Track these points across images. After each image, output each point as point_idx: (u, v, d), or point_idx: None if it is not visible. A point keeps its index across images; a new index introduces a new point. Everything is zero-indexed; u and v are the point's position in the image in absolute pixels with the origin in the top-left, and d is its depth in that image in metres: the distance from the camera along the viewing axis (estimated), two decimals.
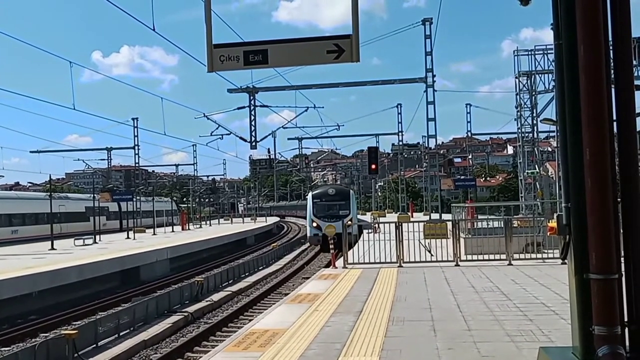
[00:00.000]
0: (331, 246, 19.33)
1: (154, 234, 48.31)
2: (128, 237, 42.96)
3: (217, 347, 8.69)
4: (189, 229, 58.50)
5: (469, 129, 57.51)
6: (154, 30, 18.70)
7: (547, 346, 6.77)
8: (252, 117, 36.84)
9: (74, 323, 17.93)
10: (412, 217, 49.82)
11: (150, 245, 33.24)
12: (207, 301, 21.30)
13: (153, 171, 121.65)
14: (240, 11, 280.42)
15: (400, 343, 8.39)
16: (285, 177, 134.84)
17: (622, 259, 5.29)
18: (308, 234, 41.92)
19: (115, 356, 14.23)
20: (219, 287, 24.57)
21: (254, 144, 37.04)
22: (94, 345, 14.87)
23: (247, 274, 29.10)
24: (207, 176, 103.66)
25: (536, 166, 41.45)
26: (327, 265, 18.30)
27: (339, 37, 7.84)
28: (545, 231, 18.54)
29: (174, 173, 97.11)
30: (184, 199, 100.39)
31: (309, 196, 42.88)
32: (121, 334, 16.09)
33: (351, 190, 44.62)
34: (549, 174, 50.31)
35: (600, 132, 5.01)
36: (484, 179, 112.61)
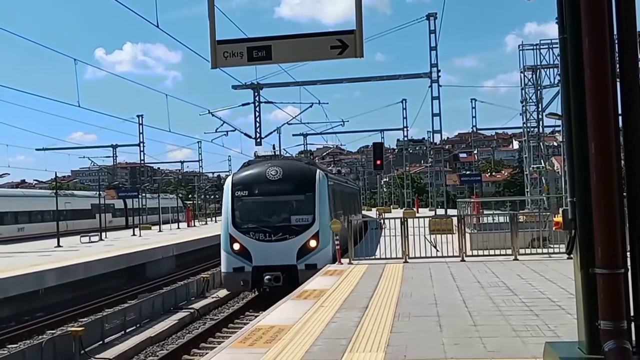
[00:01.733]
0: (337, 244, 18.99)
1: (160, 230, 48.39)
2: (134, 234, 43.04)
3: (223, 344, 8.71)
4: (194, 225, 58.57)
5: (474, 124, 57.46)
6: (157, 26, 18.70)
7: (553, 341, 6.75)
8: (257, 114, 36.87)
9: (81, 320, 17.98)
10: (418, 212, 49.73)
11: (156, 242, 33.31)
12: (213, 297, 21.34)
13: (158, 168, 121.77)
14: (241, 7, 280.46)
15: (406, 339, 8.37)
16: None
17: (628, 253, 5.27)
18: (222, 269, 19.65)
19: (121, 353, 14.28)
20: None
21: (258, 140, 37.05)
22: (101, 342, 14.92)
23: None
24: (213, 173, 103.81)
25: (542, 161, 41.37)
26: (333, 261, 18.28)
27: (342, 32, 7.84)
28: (551, 226, 18.53)
29: (179, 170, 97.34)
30: (190, 196, 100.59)
31: (227, 184, 20.40)
32: (127, 330, 16.14)
33: (319, 171, 20.47)
34: (555, 168, 50.20)
35: (606, 126, 4.99)
36: (489, 174, 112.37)
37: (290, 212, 19.40)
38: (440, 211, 41.14)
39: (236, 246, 18.79)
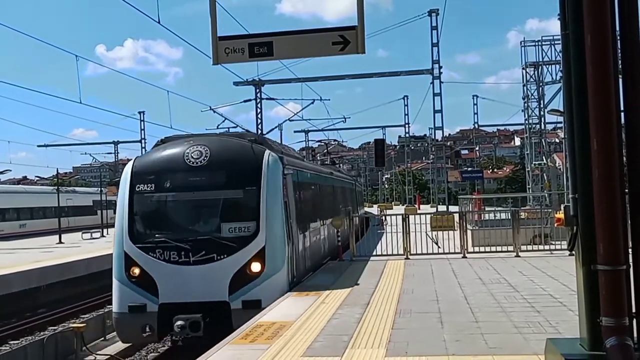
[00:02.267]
0: (338, 240, 18.95)
1: None
2: None
3: (225, 340, 8.70)
4: None
5: (475, 120, 57.55)
6: (159, 22, 18.69)
7: (554, 337, 6.75)
8: (259, 110, 36.89)
9: (82, 316, 18.02)
10: (419, 209, 49.75)
11: None
12: None
13: None
14: (243, 4, 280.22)
15: (407, 335, 8.38)
16: None
17: (630, 249, 5.27)
18: (114, 307, 12.76)
19: (123, 349, 14.29)
20: None
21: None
22: (102, 339, 14.96)
23: None
24: None
25: (543, 157, 41.35)
26: (334, 258, 18.27)
27: (344, 28, 7.84)
28: (552, 222, 18.51)
29: None
30: None
31: (125, 174, 13.35)
32: None
33: (269, 152, 13.26)
34: (557, 165, 50.19)
35: (607, 122, 4.99)
36: (491, 170, 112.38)
37: (221, 217, 12.68)
38: (442, 208, 41.12)
39: (135, 271, 12.30)
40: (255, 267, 12.10)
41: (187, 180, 12.72)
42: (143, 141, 53.37)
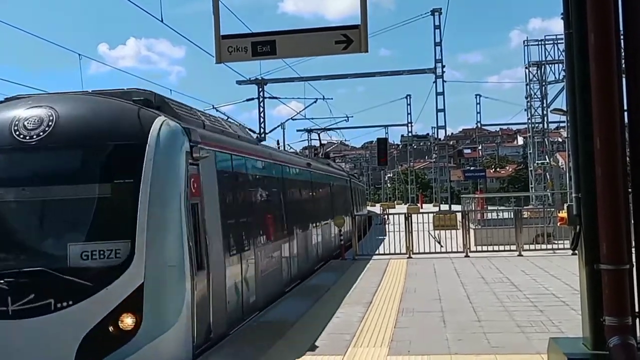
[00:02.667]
0: (340, 239, 18.99)
1: None
2: None
3: (226, 340, 8.70)
4: None
5: (478, 119, 57.56)
6: (162, 21, 18.67)
7: (557, 337, 6.75)
8: (261, 109, 36.86)
9: None
10: (422, 208, 49.73)
11: None
12: None
13: None
14: (245, 2, 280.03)
15: (410, 334, 8.38)
16: None
17: (633, 249, 5.26)
18: None
19: None
20: None
21: (262, 135, 37.03)
22: None
23: None
24: None
25: (546, 157, 41.27)
26: (337, 257, 18.28)
27: (347, 27, 7.82)
28: (555, 222, 18.52)
29: None
30: None
31: None
32: None
33: (164, 121, 7.55)
34: (559, 164, 50.12)
35: (611, 121, 4.98)
36: (493, 169, 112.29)
37: (70, 232, 7.32)
38: (445, 207, 41.09)
39: None
40: (126, 322, 6.88)
41: (12, 167, 7.55)
42: None
